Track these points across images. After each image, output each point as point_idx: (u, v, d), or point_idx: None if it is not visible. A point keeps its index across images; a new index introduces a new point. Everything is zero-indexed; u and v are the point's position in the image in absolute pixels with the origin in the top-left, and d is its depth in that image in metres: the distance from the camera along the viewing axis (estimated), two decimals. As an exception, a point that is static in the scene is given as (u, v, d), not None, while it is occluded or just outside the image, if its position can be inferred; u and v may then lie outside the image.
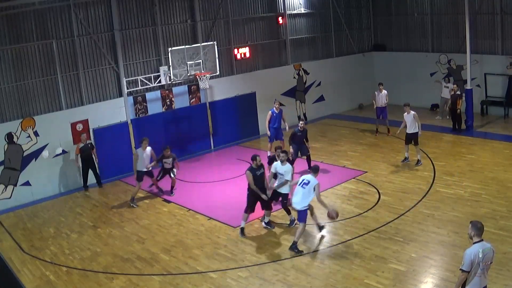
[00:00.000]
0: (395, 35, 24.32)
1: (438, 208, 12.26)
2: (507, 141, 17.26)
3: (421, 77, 22.74)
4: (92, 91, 16.84)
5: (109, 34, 16.91)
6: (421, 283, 9.17)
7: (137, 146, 15.74)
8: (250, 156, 11.79)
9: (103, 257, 11.39)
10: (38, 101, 15.79)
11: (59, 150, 16.02)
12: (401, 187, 13.93)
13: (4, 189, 15.12)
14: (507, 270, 9.17)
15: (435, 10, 22.43)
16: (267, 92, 20.88)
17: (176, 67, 16.89)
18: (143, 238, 12.23)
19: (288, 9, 21.70)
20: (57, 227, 13.37)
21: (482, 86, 20.84)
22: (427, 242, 10.61)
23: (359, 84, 23.93)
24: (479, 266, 6.71)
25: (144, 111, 17.80)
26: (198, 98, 19.03)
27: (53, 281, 10.46)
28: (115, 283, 10.19)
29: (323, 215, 11.19)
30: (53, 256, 11.63)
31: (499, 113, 20.50)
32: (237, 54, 20.16)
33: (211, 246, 11.44)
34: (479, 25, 20.67)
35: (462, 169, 14.86)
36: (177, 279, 10.11)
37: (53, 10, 15.70)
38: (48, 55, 15.79)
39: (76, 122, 16.29)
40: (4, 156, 15.00)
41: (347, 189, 14.15)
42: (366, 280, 9.36)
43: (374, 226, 11.60)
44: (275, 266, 10.24)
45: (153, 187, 15.20)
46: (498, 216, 11.45)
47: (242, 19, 20.40)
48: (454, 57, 21.79)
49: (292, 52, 22.09)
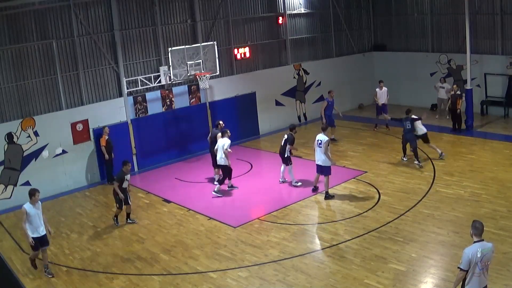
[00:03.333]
0: (395, 35, 24.32)
1: (438, 208, 12.26)
2: (507, 141, 17.26)
3: (421, 77, 22.73)
4: (92, 91, 16.84)
5: (109, 34, 16.91)
6: (421, 283, 9.17)
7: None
8: (251, 156, 11.78)
9: (103, 257, 11.39)
10: (38, 101, 15.79)
11: (59, 150, 16.03)
12: (401, 187, 13.93)
13: (4, 189, 15.12)
14: (507, 270, 9.17)
15: (435, 10, 22.44)
16: (267, 92, 20.90)
17: (176, 67, 16.88)
18: (143, 238, 12.23)
19: (288, 9, 21.70)
20: (57, 227, 13.36)
21: (482, 86, 20.84)
22: (427, 242, 10.61)
23: (359, 84, 23.93)
24: (477, 266, 6.71)
25: (144, 111, 17.80)
26: (198, 98, 19.03)
27: (53, 281, 10.45)
28: (115, 283, 10.19)
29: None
30: (53, 256, 11.61)
31: (499, 113, 20.50)
32: (237, 54, 20.16)
33: (211, 246, 11.44)
34: (479, 25, 20.67)
35: (462, 169, 14.85)
36: (177, 279, 10.11)
37: (53, 10, 15.70)
38: (48, 55, 15.80)
39: (76, 122, 16.29)
40: (4, 156, 15.00)
41: (347, 189, 14.15)
42: (366, 280, 9.36)
43: (374, 226, 11.60)
44: (275, 266, 10.24)
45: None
46: (498, 216, 11.45)
47: (242, 19, 20.40)
48: (454, 57, 21.79)
49: (292, 52, 22.09)
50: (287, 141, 14.44)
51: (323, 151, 13.24)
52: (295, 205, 13.38)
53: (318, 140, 13.47)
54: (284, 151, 14.53)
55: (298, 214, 12.83)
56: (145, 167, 17.84)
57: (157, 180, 16.57)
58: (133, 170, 17.59)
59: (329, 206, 13.21)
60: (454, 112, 18.77)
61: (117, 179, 12.72)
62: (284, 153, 14.53)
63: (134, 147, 17.61)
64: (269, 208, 13.23)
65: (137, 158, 17.73)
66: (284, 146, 14.52)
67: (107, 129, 16.14)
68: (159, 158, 18.07)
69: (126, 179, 12.77)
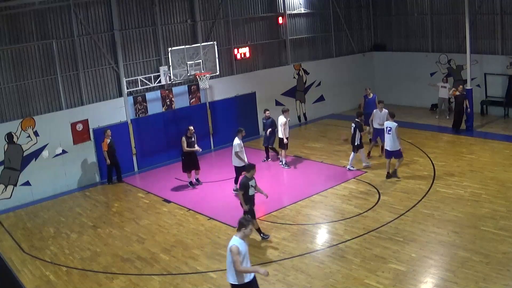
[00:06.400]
0: (395, 35, 24.32)
1: (438, 208, 12.26)
2: (507, 141, 17.26)
3: (421, 77, 22.72)
4: (92, 91, 16.84)
5: (109, 34, 16.91)
6: (421, 283, 9.17)
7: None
8: (251, 156, 11.76)
9: (103, 257, 11.40)
10: (38, 101, 15.79)
11: (59, 150, 16.02)
12: (401, 187, 13.93)
13: (4, 189, 15.12)
14: (507, 270, 9.17)
15: (435, 10, 22.44)
16: (267, 92, 20.90)
17: (176, 67, 16.89)
18: (143, 238, 12.23)
19: (288, 9, 21.70)
20: (57, 227, 13.38)
21: (482, 86, 20.85)
22: (427, 242, 10.61)
23: (359, 84, 23.84)
24: None
25: (144, 111, 17.80)
26: (198, 98, 19.03)
27: (53, 281, 10.46)
28: (115, 283, 10.19)
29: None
30: (53, 256, 11.63)
31: (499, 113, 20.50)
32: (237, 54, 20.17)
33: (211, 246, 11.44)
34: (479, 25, 20.67)
35: (462, 169, 14.85)
36: (177, 279, 10.11)
37: (53, 10, 15.70)
38: (48, 55, 15.80)
39: (76, 122, 16.29)
40: (4, 156, 15.00)
41: (347, 189, 14.15)
42: (366, 280, 9.36)
43: (374, 226, 11.60)
44: (275, 266, 10.24)
45: None
46: (498, 216, 11.45)
47: (242, 19, 20.40)
48: (454, 57, 21.79)
49: (292, 52, 22.09)
50: (356, 129, 15.15)
51: (395, 136, 14.01)
52: (295, 205, 13.38)
53: (387, 127, 14.23)
54: (354, 139, 15.22)
55: (298, 214, 12.83)
56: (145, 167, 17.84)
57: (157, 180, 16.57)
58: (133, 170, 17.63)
59: (329, 206, 13.20)
60: (459, 113, 18.66)
61: (242, 187, 10.88)
62: (355, 141, 15.22)
63: (134, 147, 17.61)
64: (269, 208, 13.22)
65: (137, 158, 17.73)
66: (354, 134, 15.21)
67: (109, 132, 16.01)
68: (159, 158, 18.07)
69: (252, 185, 10.94)
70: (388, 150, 14.36)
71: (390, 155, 14.39)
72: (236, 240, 7.44)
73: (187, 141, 14.98)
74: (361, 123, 15.36)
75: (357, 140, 15.24)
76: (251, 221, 7.74)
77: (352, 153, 15.55)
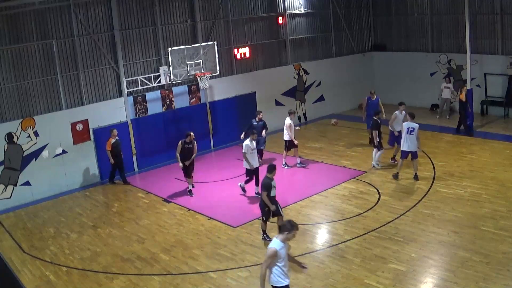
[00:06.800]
0: (395, 35, 24.32)
1: (438, 208, 12.26)
2: (507, 141, 17.26)
3: (421, 77, 22.73)
4: (92, 91, 16.84)
5: (109, 34, 16.91)
6: (421, 283, 9.17)
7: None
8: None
9: (103, 257, 11.40)
10: (38, 101, 15.79)
11: (59, 150, 16.02)
12: (401, 187, 13.94)
13: (4, 189, 15.12)
14: (507, 270, 9.17)
15: (435, 10, 22.44)
16: (267, 92, 20.90)
17: (176, 67, 16.89)
18: (143, 238, 12.23)
19: (288, 9, 21.70)
20: (57, 227, 13.38)
21: (482, 86, 20.85)
22: (427, 242, 10.61)
23: (359, 84, 23.91)
24: None
25: (144, 111, 17.80)
26: (198, 98, 19.03)
27: (53, 281, 10.46)
28: (115, 283, 10.19)
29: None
30: (53, 256, 11.63)
31: (499, 113, 20.50)
32: (237, 54, 20.16)
33: (211, 246, 11.44)
34: (479, 25, 20.67)
35: (462, 169, 14.86)
36: (177, 279, 10.11)
37: (53, 10, 15.70)
38: (48, 55, 15.79)
39: (76, 122, 16.29)
40: (4, 156, 15.00)
41: (347, 189, 14.15)
42: (366, 280, 9.36)
43: (374, 226, 11.60)
44: (275, 266, 10.23)
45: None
46: (498, 216, 11.45)
47: (242, 19, 20.40)
48: (454, 57, 21.79)
49: (292, 52, 22.09)
50: (372, 128, 15.58)
51: (417, 137, 14.00)
52: (295, 205, 13.38)
53: (409, 128, 14.08)
54: (374, 138, 15.46)
55: (298, 214, 12.82)
56: (145, 167, 17.84)
57: (157, 180, 16.57)
58: (133, 170, 17.63)
59: (329, 206, 13.20)
60: (464, 114, 18.60)
61: (264, 188, 10.93)
62: (374, 139, 15.48)
63: (134, 147, 17.61)
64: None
65: (137, 158, 17.73)
66: (371, 133, 15.84)
67: (115, 132, 15.90)
68: (159, 158, 18.06)
69: (274, 186, 11.01)
70: (406, 150, 14.28)
71: (407, 155, 14.34)
72: (276, 243, 7.20)
73: (183, 147, 14.39)
74: (378, 122, 15.41)
75: (376, 138, 15.35)
76: (296, 226, 7.36)
77: (374, 150, 15.67)
